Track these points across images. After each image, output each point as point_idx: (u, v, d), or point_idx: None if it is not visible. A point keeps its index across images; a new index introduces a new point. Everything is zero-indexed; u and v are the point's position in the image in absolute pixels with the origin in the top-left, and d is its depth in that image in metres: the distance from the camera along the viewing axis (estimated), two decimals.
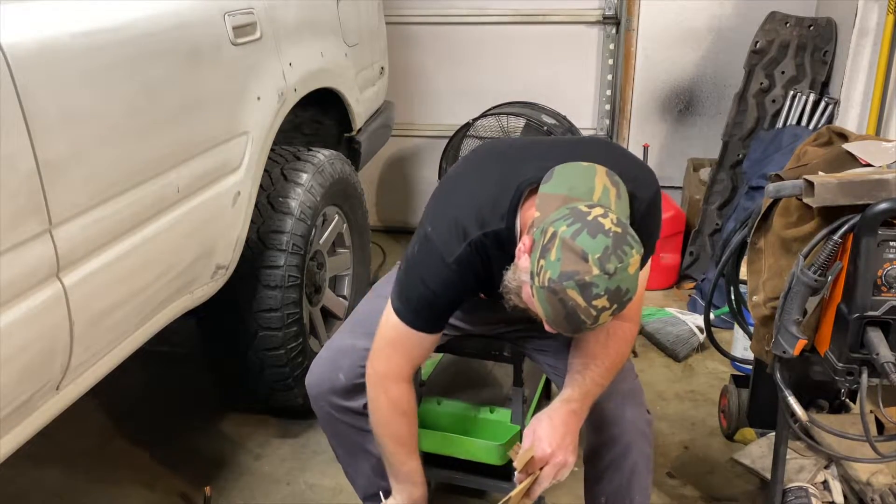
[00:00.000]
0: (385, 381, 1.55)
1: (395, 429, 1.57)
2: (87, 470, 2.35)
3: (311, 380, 1.72)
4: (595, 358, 1.52)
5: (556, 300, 1.24)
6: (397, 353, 1.54)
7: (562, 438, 1.43)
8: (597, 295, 1.22)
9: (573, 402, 1.48)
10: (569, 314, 1.24)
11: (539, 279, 1.25)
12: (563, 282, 1.22)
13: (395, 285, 1.53)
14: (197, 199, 1.81)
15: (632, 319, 1.58)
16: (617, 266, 1.22)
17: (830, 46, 3.19)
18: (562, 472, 1.44)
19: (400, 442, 1.58)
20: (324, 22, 2.61)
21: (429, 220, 1.48)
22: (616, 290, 1.23)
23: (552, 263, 1.23)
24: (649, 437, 1.67)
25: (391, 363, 1.55)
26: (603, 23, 3.78)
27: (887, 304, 1.49)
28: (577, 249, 1.22)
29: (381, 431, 1.59)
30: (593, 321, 1.25)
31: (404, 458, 1.59)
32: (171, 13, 1.76)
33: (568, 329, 1.29)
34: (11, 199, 1.26)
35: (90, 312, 1.47)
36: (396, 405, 1.55)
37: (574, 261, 1.22)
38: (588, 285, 1.22)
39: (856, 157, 1.64)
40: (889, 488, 1.87)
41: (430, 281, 1.45)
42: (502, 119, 3.30)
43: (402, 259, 1.54)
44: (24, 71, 1.30)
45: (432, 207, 1.52)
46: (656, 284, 3.51)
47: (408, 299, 1.49)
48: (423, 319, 1.50)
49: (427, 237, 1.45)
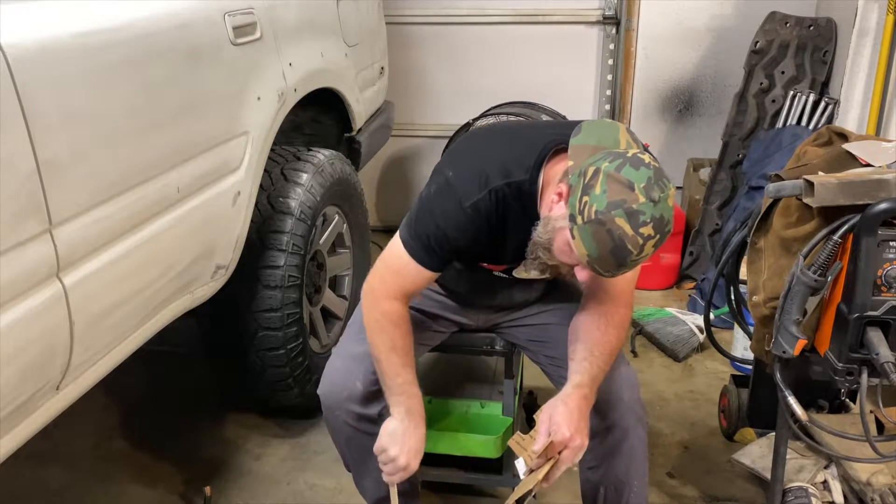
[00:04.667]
0: (377, 296, 1.59)
1: (389, 337, 1.59)
2: (87, 470, 2.35)
3: (326, 389, 1.71)
4: (597, 344, 1.56)
5: (604, 231, 1.27)
6: (394, 277, 1.58)
7: (578, 422, 1.47)
8: (644, 223, 1.26)
9: (584, 387, 1.52)
10: (616, 246, 1.28)
11: (584, 216, 1.29)
12: (611, 211, 1.26)
13: (407, 219, 1.57)
14: (197, 199, 1.80)
15: (626, 305, 1.62)
16: (660, 195, 1.27)
17: (830, 46, 3.19)
18: (579, 454, 1.49)
19: (394, 350, 1.59)
20: (324, 22, 2.61)
21: (449, 166, 1.52)
22: (660, 218, 1.27)
23: (597, 196, 1.27)
24: (645, 422, 1.71)
25: (385, 283, 1.59)
26: (603, 23, 3.79)
27: (887, 304, 1.49)
28: (623, 180, 1.27)
29: (377, 342, 1.60)
30: (639, 251, 1.28)
31: (398, 369, 1.59)
32: (171, 13, 1.76)
33: (613, 264, 1.31)
34: (11, 199, 1.26)
35: (90, 312, 1.47)
36: (388, 316, 1.58)
37: (621, 190, 1.26)
38: (636, 213, 1.26)
39: (856, 157, 1.64)
40: (889, 488, 1.87)
41: (442, 221, 1.49)
42: (502, 119, 3.30)
43: (417, 199, 1.58)
44: (24, 71, 1.30)
45: (453, 157, 1.57)
46: (656, 284, 3.51)
47: (416, 234, 1.53)
48: (427, 256, 1.54)
49: (447, 181, 1.49)
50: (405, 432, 1.59)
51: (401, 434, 1.58)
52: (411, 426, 1.59)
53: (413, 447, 1.59)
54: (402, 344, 1.60)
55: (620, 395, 1.65)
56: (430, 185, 1.54)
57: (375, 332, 1.60)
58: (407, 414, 1.60)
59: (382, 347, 1.59)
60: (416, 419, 1.60)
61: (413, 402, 1.61)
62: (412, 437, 1.59)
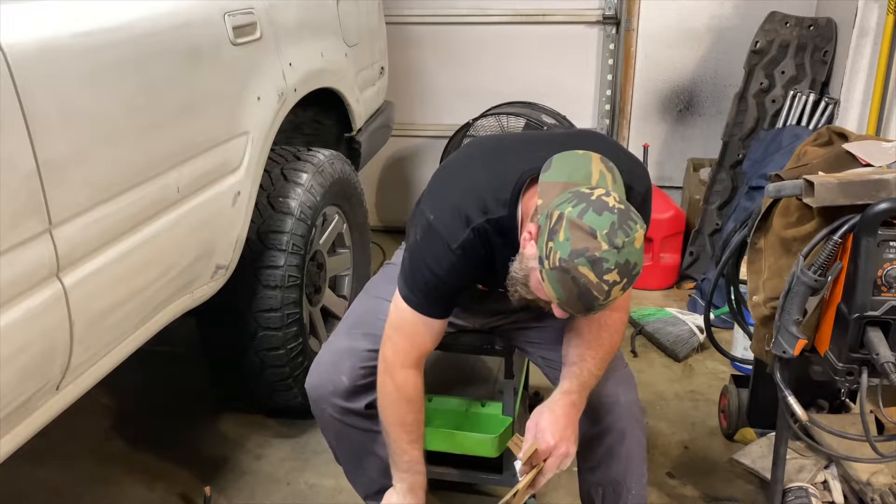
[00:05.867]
0: (392, 367, 1.58)
1: (399, 413, 1.59)
2: (87, 470, 2.35)
3: (312, 382, 1.72)
4: (590, 349, 1.56)
5: (569, 279, 1.26)
6: (405, 339, 1.57)
7: (563, 429, 1.46)
8: (607, 270, 1.25)
9: (572, 393, 1.51)
10: (581, 292, 1.27)
11: (549, 261, 1.28)
12: (573, 259, 1.25)
13: (401, 274, 1.56)
14: (197, 199, 1.80)
15: (623, 309, 1.62)
16: (624, 240, 1.25)
17: (830, 46, 3.19)
18: (564, 461, 1.48)
19: (404, 428, 1.60)
20: (324, 22, 2.61)
21: (429, 209, 1.50)
22: (625, 263, 1.26)
23: (561, 244, 1.26)
24: (643, 424, 1.70)
25: (398, 350, 1.58)
26: (603, 23, 3.79)
27: (887, 304, 1.49)
28: (585, 227, 1.25)
29: (386, 416, 1.61)
30: (605, 297, 1.27)
31: (406, 446, 1.61)
32: (171, 13, 1.76)
33: (581, 308, 1.31)
34: (11, 199, 1.26)
35: (90, 312, 1.46)
36: (401, 390, 1.58)
37: (583, 238, 1.25)
38: (599, 260, 1.24)
39: (856, 157, 1.64)
40: (889, 488, 1.87)
41: (435, 267, 1.48)
42: (502, 119, 3.30)
43: (404, 249, 1.57)
44: (24, 71, 1.30)
45: (430, 197, 1.54)
46: (656, 284, 3.51)
47: (415, 285, 1.52)
48: (430, 305, 1.53)
49: (430, 224, 1.47)
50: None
51: None
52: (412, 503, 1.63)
53: None
54: (411, 419, 1.60)
55: (617, 397, 1.64)
56: (415, 231, 1.52)
57: (386, 405, 1.60)
58: (409, 491, 1.63)
59: (392, 421, 1.60)
60: (417, 497, 1.64)
61: (417, 479, 1.63)
62: None
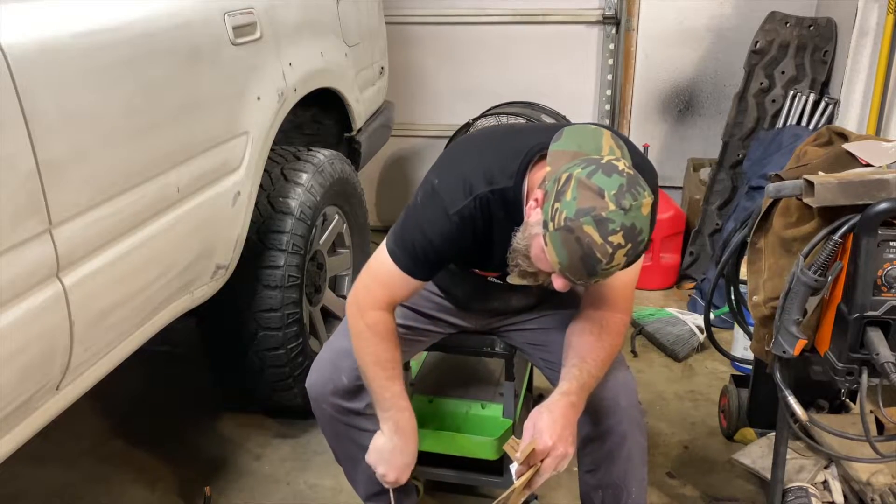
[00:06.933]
0: (363, 308, 1.57)
1: (375, 352, 1.57)
2: (87, 470, 2.35)
3: (312, 381, 1.72)
4: (590, 350, 1.55)
5: (573, 239, 1.25)
6: (380, 287, 1.56)
7: (562, 430, 1.45)
8: (613, 231, 1.23)
9: (571, 394, 1.50)
10: (584, 254, 1.25)
11: (554, 223, 1.27)
12: (579, 218, 1.24)
13: (394, 228, 1.55)
14: (197, 199, 1.81)
15: (624, 311, 1.61)
16: (632, 203, 1.24)
17: (830, 46, 3.19)
18: (562, 463, 1.47)
19: (380, 365, 1.57)
20: (324, 22, 2.61)
21: (435, 175, 1.50)
22: (631, 227, 1.24)
23: (568, 203, 1.25)
24: (643, 427, 1.70)
25: (371, 294, 1.57)
26: (603, 23, 3.79)
27: (887, 304, 1.49)
28: (593, 187, 1.24)
29: (361, 356, 1.58)
30: (609, 260, 1.25)
31: (385, 382, 1.57)
32: (171, 13, 1.76)
33: (583, 272, 1.28)
34: (11, 199, 1.26)
35: (90, 312, 1.47)
36: (373, 328, 1.56)
37: (590, 197, 1.24)
38: (604, 220, 1.23)
39: (856, 157, 1.64)
40: (889, 488, 1.87)
41: (428, 230, 1.47)
42: (502, 119, 3.30)
43: (404, 208, 1.57)
44: (24, 71, 1.30)
45: (440, 165, 1.54)
46: (656, 284, 3.51)
47: (403, 243, 1.52)
48: (413, 264, 1.52)
49: (433, 188, 1.48)
50: (393, 450, 1.59)
51: (388, 452, 1.59)
52: (400, 443, 1.59)
53: (402, 464, 1.60)
54: (387, 357, 1.57)
55: (618, 400, 1.63)
56: (418, 193, 1.53)
57: (360, 344, 1.58)
58: (396, 430, 1.59)
59: (368, 360, 1.58)
60: (405, 435, 1.59)
61: (402, 416, 1.59)
62: (400, 454, 1.59)
